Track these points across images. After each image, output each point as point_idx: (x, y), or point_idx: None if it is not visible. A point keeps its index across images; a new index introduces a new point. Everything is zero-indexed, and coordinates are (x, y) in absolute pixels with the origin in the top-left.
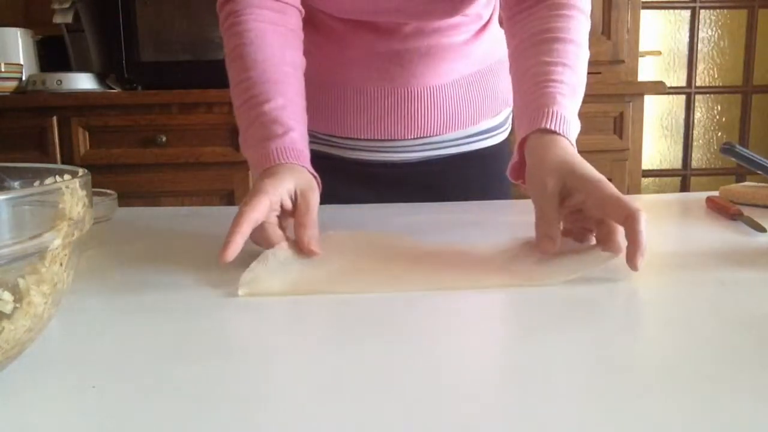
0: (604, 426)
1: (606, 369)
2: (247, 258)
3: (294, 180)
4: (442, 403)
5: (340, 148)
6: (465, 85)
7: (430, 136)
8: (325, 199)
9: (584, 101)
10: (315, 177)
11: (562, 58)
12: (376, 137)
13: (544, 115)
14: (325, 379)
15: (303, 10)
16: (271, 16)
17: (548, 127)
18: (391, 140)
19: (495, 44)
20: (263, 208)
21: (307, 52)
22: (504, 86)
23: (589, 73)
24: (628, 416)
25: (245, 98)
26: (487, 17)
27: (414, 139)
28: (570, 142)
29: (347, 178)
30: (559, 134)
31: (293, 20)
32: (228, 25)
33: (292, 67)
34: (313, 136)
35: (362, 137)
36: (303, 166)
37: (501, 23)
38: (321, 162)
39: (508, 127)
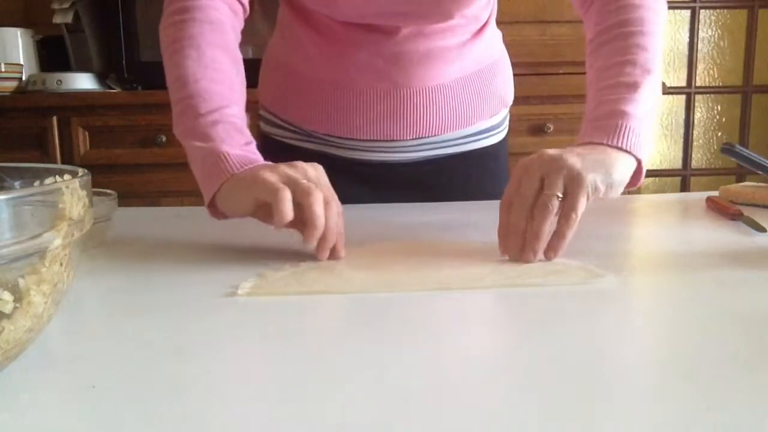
0: (604, 426)
1: (605, 369)
2: (247, 259)
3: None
4: (443, 402)
5: (339, 148)
6: (463, 86)
7: (428, 137)
8: None
9: (584, 101)
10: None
11: (644, 60)
12: (374, 137)
13: (590, 130)
14: (325, 378)
15: (248, 10)
16: (225, 11)
17: (615, 144)
18: (390, 140)
19: (492, 45)
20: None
21: (306, 53)
22: (501, 87)
23: None
24: (627, 416)
25: (195, 92)
26: (485, 19)
27: (412, 139)
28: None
29: (346, 178)
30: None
31: (239, 23)
32: (180, 6)
33: (240, 75)
34: (312, 136)
35: (361, 137)
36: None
37: (498, 25)
38: (320, 161)
39: (505, 127)
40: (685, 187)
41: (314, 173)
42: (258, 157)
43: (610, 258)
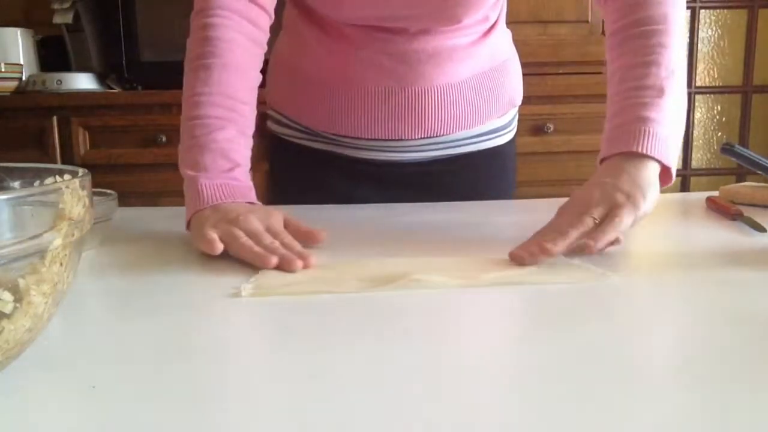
0: (604, 425)
1: (605, 369)
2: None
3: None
4: (443, 402)
5: (347, 148)
6: (471, 86)
7: (436, 136)
8: (331, 197)
9: (585, 101)
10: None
11: (647, 55)
12: (382, 137)
13: (614, 138)
14: (325, 378)
15: (273, 17)
16: (245, 26)
17: (638, 150)
18: (398, 140)
19: (501, 45)
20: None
21: (313, 52)
22: (510, 87)
23: (589, 74)
24: (627, 416)
25: (197, 114)
26: (494, 19)
27: (420, 139)
28: (656, 160)
29: (353, 178)
30: (645, 156)
31: (263, 35)
32: (199, 23)
33: (251, 91)
34: (319, 135)
35: (369, 137)
36: (251, 201)
37: (507, 25)
38: (328, 161)
39: (513, 127)
40: (685, 187)
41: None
42: (234, 182)
43: (610, 258)
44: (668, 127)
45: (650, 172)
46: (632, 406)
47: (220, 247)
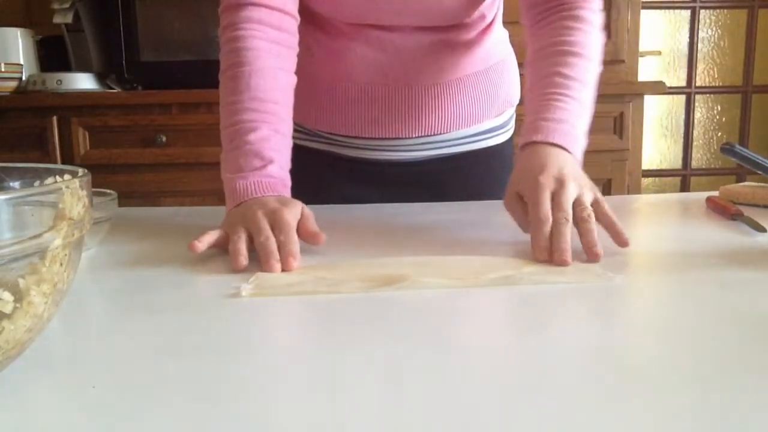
0: (604, 425)
1: (605, 369)
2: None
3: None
4: (443, 401)
5: (344, 147)
6: (468, 85)
7: (433, 135)
8: (329, 197)
9: None
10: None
11: (575, 72)
12: (379, 136)
13: (544, 128)
14: (326, 378)
15: (299, 19)
16: (269, 32)
17: (548, 140)
18: (395, 139)
19: (498, 44)
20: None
21: (310, 51)
22: (507, 86)
23: None
24: (627, 416)
25: (232, 121)
26: (491, 18)
27: (417, 137)
28: (567, 151)
29: (351, 177)
30: (556, 145)
31: (290, 37)
32: (226, 38)
33: (283, 91)
34: (317, 135)
35: (366, 136)
36: (279, 195)
37: (504, 25)
38: (326, 160)
39: (511, 126)
40: (685, 187)
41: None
42: (267, 178)
43: (610, 257)
44: (582, 138)
45: (570, 161)
46: (632, 406)
47: (241, 264)
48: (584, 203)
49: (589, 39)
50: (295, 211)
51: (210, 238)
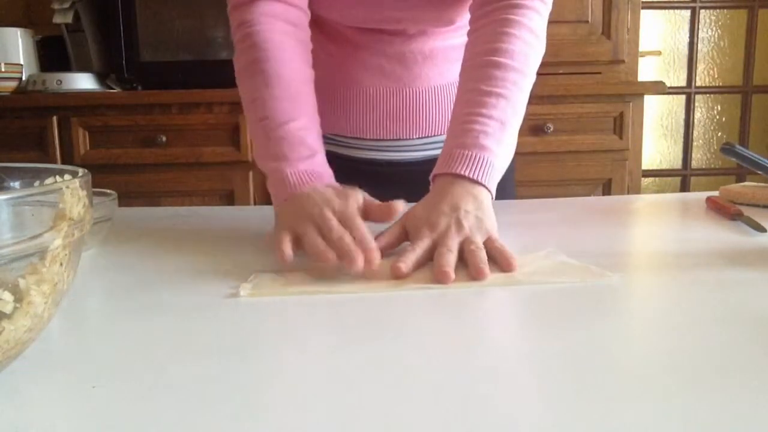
0: (604, 426)
1: (605, 369)
2: (248, 259)
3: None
4: (444, 401)
5: (346, 148)
6: None
7: (434, 135)
8: None
9: (584, 101)
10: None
11: (498, 87)
12: (381, 137)
13: (458, 157)
14: (325, 378)
15: (309, 14)
16: (285, 27)
17: (460, 172)
18: (396, 140)
19: None
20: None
21: (312, 53)
22: None
23: (589, 74)
24: (627, 416)
25: (266, 113)
26: None
27: (418, 138)
28: (479, 184)
29: (353, 177)
30: (468, 180)
31: (305, 33)
32: (242, 35)
33: (309, 85)
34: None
35: (368, 137)
36: (332, 185)
37: None
38: (327, 161)
39: None
40: (685, 187)
41: (343, 205)
42: (318, 168)
43: (610, 258)
44: (502, 158)
45: (484, 198)
46: (632, 406)
47: (289, 256)
48: (474, 241)
49: (522, 47)
50: (356, 202)
51: (287, 244)
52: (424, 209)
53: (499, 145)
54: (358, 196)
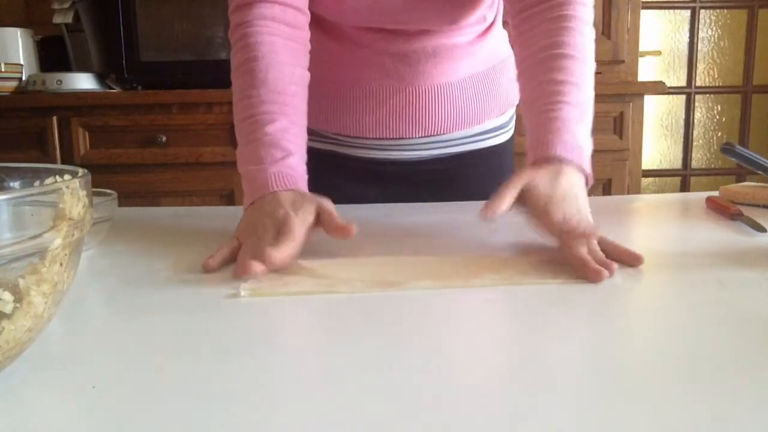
0: (604, 426)
1: (605, 369)
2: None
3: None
4: (442, 401)
5: (349, 147)
6: (470, 85)
7: (436, 135)
8: (333, 197)
9: None
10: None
11: (569, 76)
12: (384, 136)
13: (552, 143)
14: (325, 378)
15: (309, 15)
16: (283, 29)
17: (559, 154)
18: (399, 139)
19: (499, 44)
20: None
21: (314, 52)
22: (508, 86)
23: None
24: (627, 416)
25: (249, 114)
26: (491, 19)
27: (421, 137)
28: (578, 166)
29: (355, 176)
30: (568, 162)
31: (303, 33)
32: (238, 35)
33: (299, 86)
34: (322, 135)
35: (370, 136)
36: (297, 190)
37: (504, 25)
38: (329, 160)
39: (511, 127)
40: (685, 187)
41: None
42: (288, 169)
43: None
44: (584, 140)
45: (580, 184)
46: (632, 406)
47: (210, 268)
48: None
49: (581, 39)
50: (305, 217)
51: (222, 254)
52: (550, 188)
53: (580, 127)
54: (309, 212)
